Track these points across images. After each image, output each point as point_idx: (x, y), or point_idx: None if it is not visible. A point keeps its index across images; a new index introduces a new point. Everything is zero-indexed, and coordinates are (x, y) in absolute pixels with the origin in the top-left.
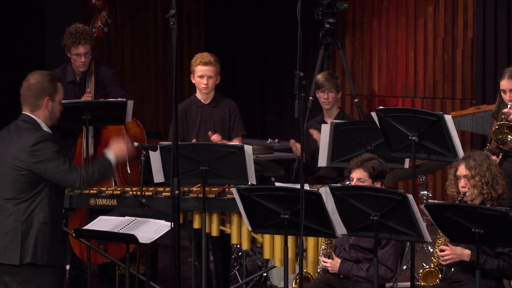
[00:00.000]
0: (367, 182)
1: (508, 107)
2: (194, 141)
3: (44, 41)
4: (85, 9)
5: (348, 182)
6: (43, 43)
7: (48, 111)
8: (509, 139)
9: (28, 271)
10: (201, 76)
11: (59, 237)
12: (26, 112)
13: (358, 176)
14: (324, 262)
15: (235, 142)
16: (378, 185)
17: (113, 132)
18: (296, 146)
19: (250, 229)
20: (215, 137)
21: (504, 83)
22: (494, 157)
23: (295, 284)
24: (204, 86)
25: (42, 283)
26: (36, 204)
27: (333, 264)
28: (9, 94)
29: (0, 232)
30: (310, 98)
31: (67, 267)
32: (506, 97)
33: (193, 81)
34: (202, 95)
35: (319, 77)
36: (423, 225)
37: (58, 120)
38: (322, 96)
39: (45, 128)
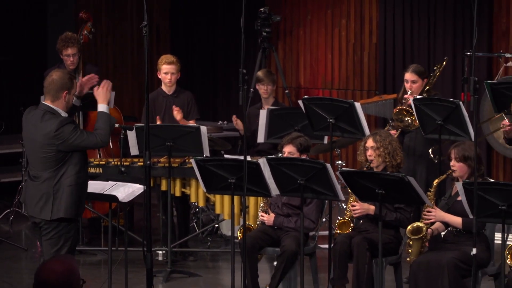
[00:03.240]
0: (296, 155)
1: (408, 94)
2: (158, 118)
3: (46, 46)
4: (77, 20)
5: (280, 155)
6: (45, 48)
7: (65, 101)
8: (405, 120)
9: (58, 224)
10: (166, 73)
11: (82, 196)
12: (47, 102)
13: (289, 150)
14: (262, 216)
15: (191, 124)
16: (304, 156)
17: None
18: (237, 122)
19: (205, 190)
20: (178, 109)
21: (407, 75)
22: (394, 131)
23: (239, 233)
24: (168, 80)
25: (69, 232)
26: (63, 172)
27: (269, 218)
28: (18, 89)
29: (36, 195)
30: (251, 89)
31: None
32: (407, 86)
33: (159, 77)
34: (167, 88)
35: (260, 73)
36: (338, 187)
37: None
38: (262, 88)
39: (63, 114)
